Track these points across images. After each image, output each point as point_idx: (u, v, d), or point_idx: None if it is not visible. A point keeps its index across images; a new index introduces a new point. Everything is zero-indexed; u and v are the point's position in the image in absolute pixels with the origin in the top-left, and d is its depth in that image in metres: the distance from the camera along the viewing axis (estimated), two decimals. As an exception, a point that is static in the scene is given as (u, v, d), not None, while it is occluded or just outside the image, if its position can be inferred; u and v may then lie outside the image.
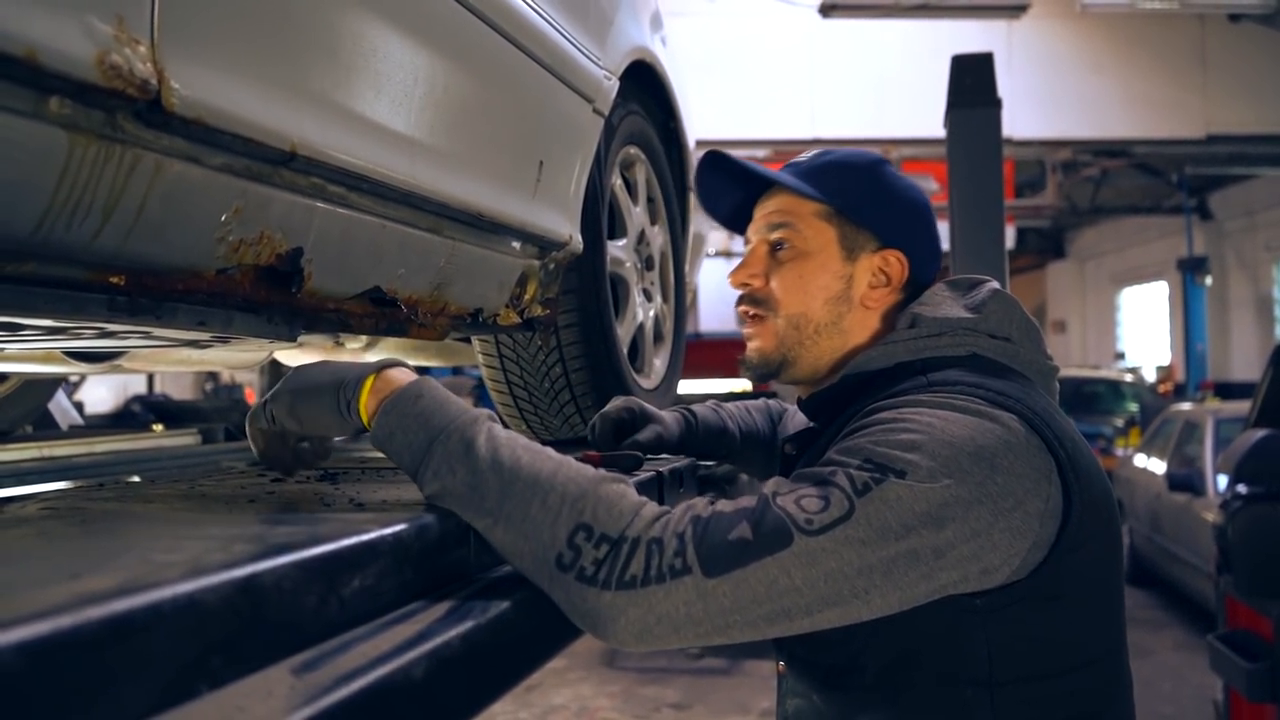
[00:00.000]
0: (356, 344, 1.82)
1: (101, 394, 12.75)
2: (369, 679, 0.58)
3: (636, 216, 2.00)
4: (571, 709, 4.88)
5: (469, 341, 1.85)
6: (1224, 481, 4.13)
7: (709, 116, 6.75)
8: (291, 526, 0.74)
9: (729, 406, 1.51)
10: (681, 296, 2.27)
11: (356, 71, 1.00)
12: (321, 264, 1.02)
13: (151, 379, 13.27)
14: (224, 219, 0.87)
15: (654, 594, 0.79)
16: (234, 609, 0.55)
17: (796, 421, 1.35)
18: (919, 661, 0.93)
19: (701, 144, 2.32)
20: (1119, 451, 8.65)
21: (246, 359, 1.71)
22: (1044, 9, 9.25)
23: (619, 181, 1.91)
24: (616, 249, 1.87)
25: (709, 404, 1.50)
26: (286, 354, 1.85)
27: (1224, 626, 3.14)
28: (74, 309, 0.85)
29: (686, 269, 2.36)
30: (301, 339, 1.15)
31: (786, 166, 1.17)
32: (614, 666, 5.44)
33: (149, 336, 1.12)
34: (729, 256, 11.81)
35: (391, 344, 1.92)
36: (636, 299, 1.97)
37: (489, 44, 1.26)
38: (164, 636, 0.50)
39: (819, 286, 1.10)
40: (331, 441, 1.05)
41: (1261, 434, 3.20)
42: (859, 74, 9.61)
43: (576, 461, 0.86)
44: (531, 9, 1.34)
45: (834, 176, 1.13)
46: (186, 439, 2.39)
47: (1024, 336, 1.08)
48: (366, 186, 1.05)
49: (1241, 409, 5.17)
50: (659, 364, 2.12)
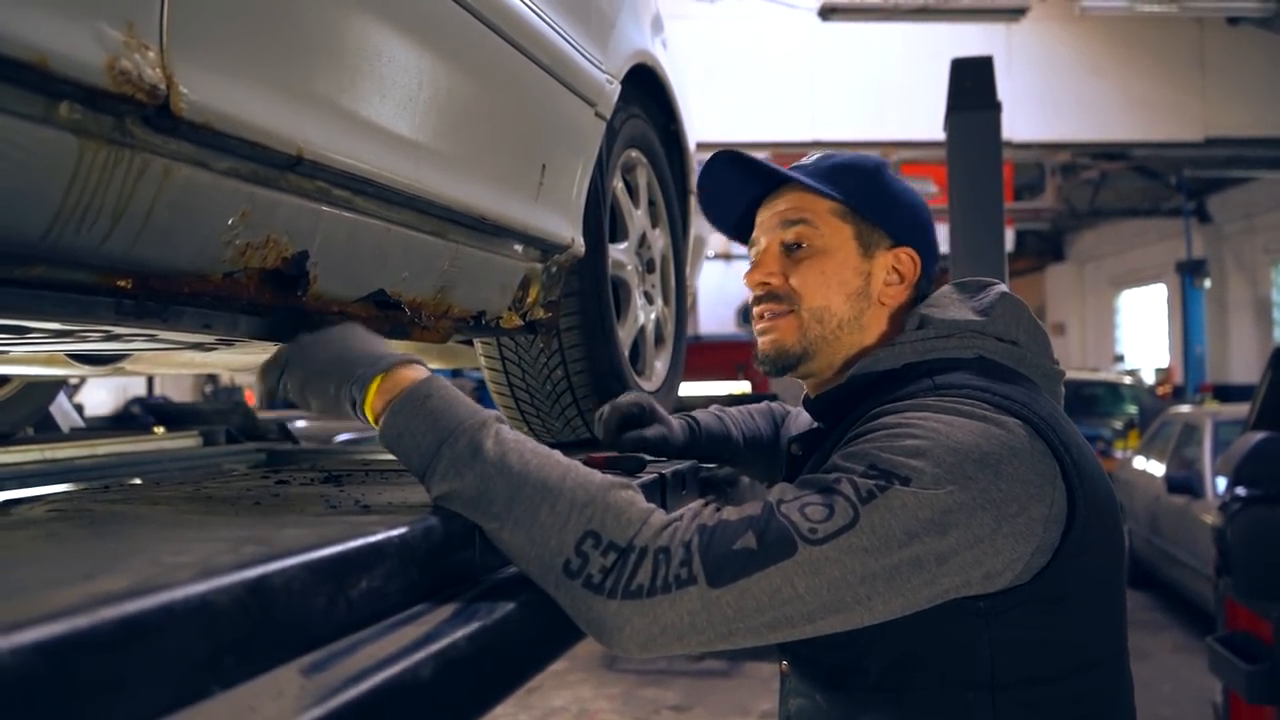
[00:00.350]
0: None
1: (101, 396, 12.75)
2: (378, 679, 0.59)
3: (638, 219, 2.01)
4: (571, 711, 4.88)
5: (471, 344, 1.86)
6: (1223, 484, 4.14)
7: (709, 119, 6.76)
8: (299, 528, 0.74)
9: (732, 411, 1.51)
10: (682, 299, 2.28)
11: (362, 76, 1.01)
12: (326, 267, 1.02)
13: (151, 381, 13.27)
14: (231, 223, 0.88)
15: (659, 604, 0.79)
16: (245, 610, 0.56)
17: (801, 422, 1.35)
18: (922, 663, 0.94)
19: (702, 146, 2.33)
20: (1118, 454, 8.65)
21: (250, 361, 1.72)
22: (1043, 12, 9.26)
23: (620, 184, 1.92)
24: (618, 252, 1.88)
25: (712, 409, 1.50)
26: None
27: (1223, 628, 3.14)
28: (81, 312, 0.85)
29: (687, 272, 2.36)
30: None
31: (792, 169, 1.17)
32: (614, 669, 5.44)
33: (154, 339, 1.13)
34: (728, 259, 11.83)
35: (394, 346, 1.92)
36: (638, 301, 1.97)
37: (492, 48, 1.26)
38: (177, 637, 0.51)
39: (840, 282, 1.10)
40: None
41: (1260, 436, 3.21)
42: (859, 77, 9.62)
43: (584, 467, 0.86)
44: (534, 13, 1.35)
45: (845, 176, 1.13)
46: (188, 441, 2.39)
47: (1031, 340, 1.08)
48: (371, 190, 1.05)
49: (1240, 411, 5.17)
50: (660, 366, 2.13)
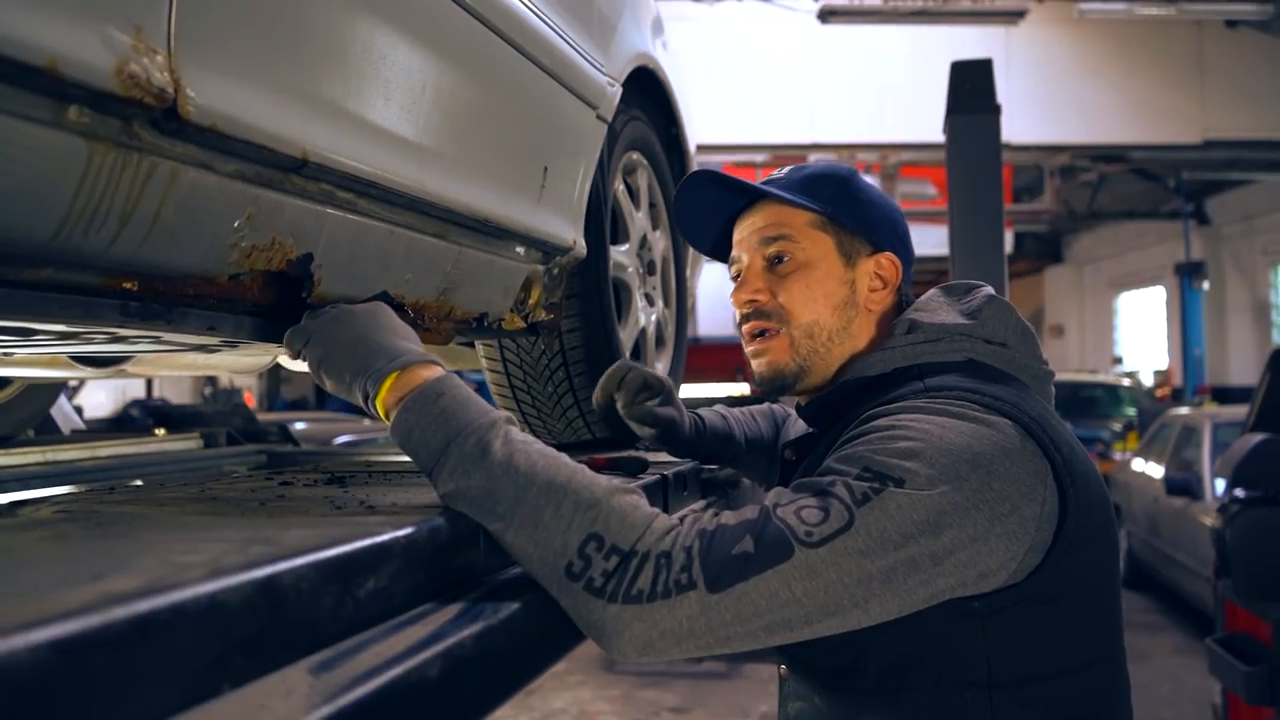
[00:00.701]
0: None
1: (100, 398, 12.75)
2: (386, 678, 0.59)
3: (639, 221, 2.01)
4: (571, 713, 4.88)
5: (472, 345, 1.86)
6: (1222, 485, 4.15)
7: (709, 122, 6.77)
8: (305, 529, 0.75)
9: (734, 412, 1.52)
10: (683, 301, 2.29)
11: (366, 79, 1.01)
12: (331, 269, 1.03)
13: (150, 383, 13.27)
14: (237, 225, 0.88)
15: (659, 610, 0.80)
16: (254, 609, 0.56)
17: (797, 427, 1.36)
18: (919, 664, 0.94)
19: (702, 149, 2.34)
20: (1117, 456, 8.66)
21: (252, 364, 1.72)
22: (1042, 15, 9.29)
23: (621, 187, 1.92)
24: (619, 254, 1.88)
25: (715, 409, 1.50)
26: (290, 360, 1.86)
27: (1222, 630, 3.15)
28: (87, 314, 0.86)
29: (687, 274, 2.37)
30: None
31: (763, 181, 1.17)
32: (613, 670, 5.45)
33: (159, 341, 1.13)
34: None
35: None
36: (638, 303, 1.98)
37: (495, 51, 1.27)
38: (188, 635, 0.51)
39: (826, 294, 1.10)
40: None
41: (1259, 438, 3.21)
42: (858, 79, 9.64)
43: (591, 471, 0.87)
44: (537, 16, 1.36)
45: (819, 187, 1.13)
46: (189, 443, 2.40)
47: (1020, 341, 1.09)
48: (375, 192, 1.06)
49: (1239, 413, 5.18)
50: (661, 368, 2.14)
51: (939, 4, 8.53)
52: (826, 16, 8.71)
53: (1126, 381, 12.39)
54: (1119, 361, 16.09)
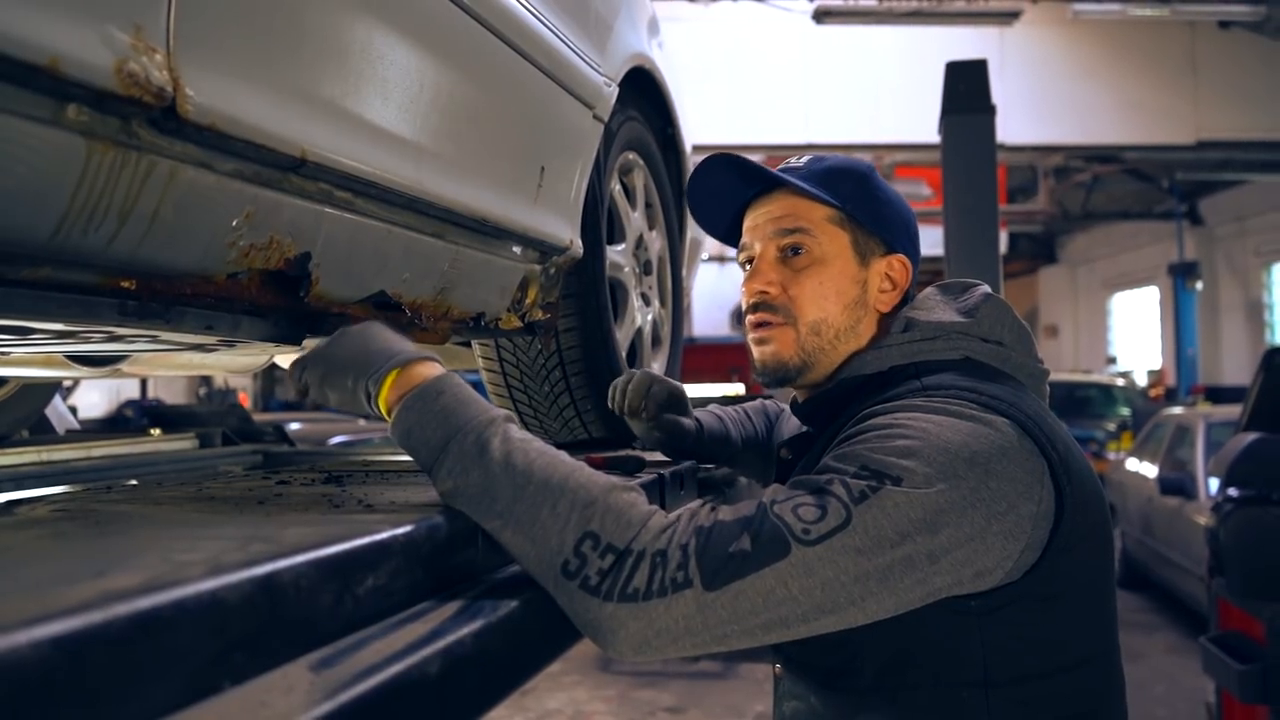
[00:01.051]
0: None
1: (94, 399, 12.72)
2: (385, 675, 0.59)
3: (635, 222, 2.02)
4: (567, 713, 4.88)
5: (469, 345, 1.87)
6: (1215, 485, 4.16)
7: (704, 122, 6.78)
8: (304, 527, 0.75)
9: (730, 412, 1.52)
10: (679, 301, 2.29)
11: (364, 79, 1.01)
12: (328, 268, 1.03)
13: (145, 383, 13.24)
14: (235, 224, 0.88)
15: (655, 608, 0.80)
16: (254, 606, 0.56)
17: (791, 425, 1.36)
18: (915, 663, 0.94)
19: (698, 149, 2.34)
20: (1111, 455, 8.68)
21: (249, 363, 1.72)
22: (1036, 16, 9.32)
23: (618, 187, 1.93)
24: (615, 254, 1.89)
25: (711, 409, 1.50)
26: (287, 358, 1.86)
27: (1216, 629, 3.15)
28: (85, 313, 0.86)
29: (684, 274, 2.37)
30: (306, 343, 1.16)
31: (782, 169, 1.15)
32: (609, 670, 5.44)
33: (156, 340, 1.13)
34: (722, 262, 11.84)
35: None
36: (635, 303, 1.98)
37: (493, 51, 1.27)
38: (188, 632, 0.51)
39: (838, 293, 1.09)
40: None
41: (1252, 438, 3.23)
42: (853, 79, 9.66)
43: (590, 469, 0.87)
44: (534, 16, 1.36)
45: (839, 181, 1.12)
46: (184, 443, 2.39)
47: (1016, 340, 1.09)
48: (373, 192, 1.06)
49: (1232, 413, 5.19)
50: (657, 368, 2.14)
51: (934, 5, 8.55)
52: (821, 17, 8.73)
53: (1120, 381, 12.42)
54: (1113, 361, 16.14)
